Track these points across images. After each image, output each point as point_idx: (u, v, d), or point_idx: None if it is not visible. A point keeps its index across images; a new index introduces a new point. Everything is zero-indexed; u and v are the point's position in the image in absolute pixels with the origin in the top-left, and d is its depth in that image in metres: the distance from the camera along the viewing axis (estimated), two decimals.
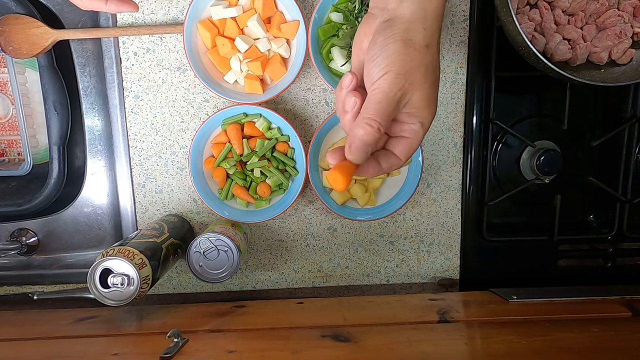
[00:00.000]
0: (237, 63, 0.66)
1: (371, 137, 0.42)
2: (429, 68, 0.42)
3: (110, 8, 0.55)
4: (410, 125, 0.44)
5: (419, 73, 0.42)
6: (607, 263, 0.77)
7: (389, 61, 0.41)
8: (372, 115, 0.41)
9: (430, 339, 0.56)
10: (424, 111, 0.43)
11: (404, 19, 0.42)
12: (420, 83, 0.42)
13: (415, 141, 0.45)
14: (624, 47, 0.63)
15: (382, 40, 0.42)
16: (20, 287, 0.76)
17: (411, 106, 0.43)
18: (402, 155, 0.45)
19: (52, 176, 0.72)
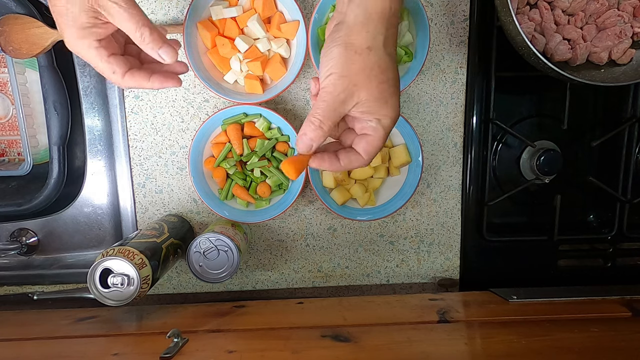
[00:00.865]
0: (237, 63, 0.66)
1: (313, 133, 0.45)
2: (374, 69, 0.44)
3: (153, 85, 0.50)
4: (368, 122, 0.46)
5: (362, 74, 0.43)
6: (607, 263, 0.77)
7: (333, 64, 0.44)
8: (316, 113, 0.45)
9: (430, 339, 0.56)
10: (378, 109, 0.45)
11: (349, 23, 0.44)
12: (365, 84, 0.44)
13: (375, 139, 0.46)
14: (624, 47, 0.63)
15: (328, 43, 0.45)
16: (20, 287, 0.76)
17: (363, 105, 0.45)
18: (363, 152, 0.47)
19: (52, 176, 0.72)
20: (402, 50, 0.66)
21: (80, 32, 0.44)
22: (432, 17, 0.70)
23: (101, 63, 0.46)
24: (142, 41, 0.46)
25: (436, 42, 0.71)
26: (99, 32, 0.45)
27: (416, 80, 0.71)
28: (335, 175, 0.68)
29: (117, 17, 0.43)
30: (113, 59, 0.47)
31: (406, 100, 0.72)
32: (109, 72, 0.47)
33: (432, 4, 0.70)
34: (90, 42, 0.44)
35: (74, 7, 0.42)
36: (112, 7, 0.43)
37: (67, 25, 0.43)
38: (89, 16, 0.43)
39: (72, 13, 0.42)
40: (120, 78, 0.48)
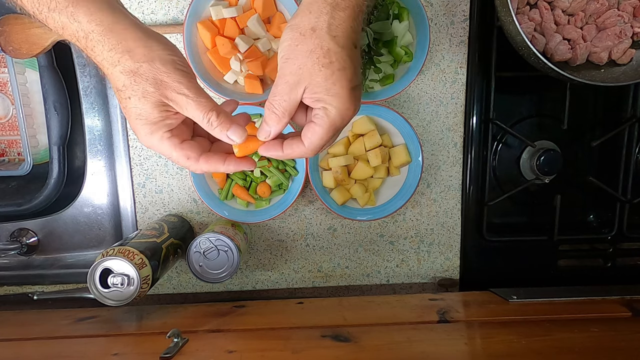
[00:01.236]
0: (237, 63, 0.66)
1: (268, 118, 0.45)
2: (316, 51, 0.42)
3: (228, 168, 0.48)
4: (316, 110, 0.45)
5: (306, 56, 0.42)
6: (607, 263, 0.77)
7: (282, 47, 0.44)
8: (272, 100, 0.45)
9: (430, 339, 0.56)
10: (324, 96, 0.43)
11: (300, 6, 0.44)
12: (311, 67, 0.42)
13: (319, 128, 0.44)
14: (624, 47, 0.63)
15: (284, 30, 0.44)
16: (20, 287, 0.76)
17: (312, 91, 0.43)
18: (307, 141, 0.45)
19: (52, 176, 0.72)
20: (402, 50, 0.66)
21: (153, 127, 0.43)
22: (432, 17, 0.70)
23: (175, 152, 0.45)
24: (210, 126, 0.45)
25: (436, 42, 0.71)
26: (170, 123, 0.44)
27: (416, 80, 0.71)
28: (336, 176, 0.68)
29: (186, 107, 0.43)
30: (186, 145, 0.46)
31: (406, 100, 0.72)
32: (184, 159, 0.46)
33: (432, 4, 0.70)
34: (162, 134, 0.44)
35: (145, 105, 0.42)
36: (180, 98, 0.43)
37: (140, 123, 0.43)
38: (160, 110, 0.43)
39: (144, 111, 0.42)
40: (195, 163, 0.46)
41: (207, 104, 0.44)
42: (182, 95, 0.43)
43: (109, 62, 0.41)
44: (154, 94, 0.42)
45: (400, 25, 0.65)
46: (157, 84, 0.42)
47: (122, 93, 0.42)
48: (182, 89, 0.43)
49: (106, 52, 0.40)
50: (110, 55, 0.41)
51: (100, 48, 0.40)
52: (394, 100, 0.72)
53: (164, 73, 0.42)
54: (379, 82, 0.68)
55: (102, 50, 0.40)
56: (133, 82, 0.41)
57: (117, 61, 0.41)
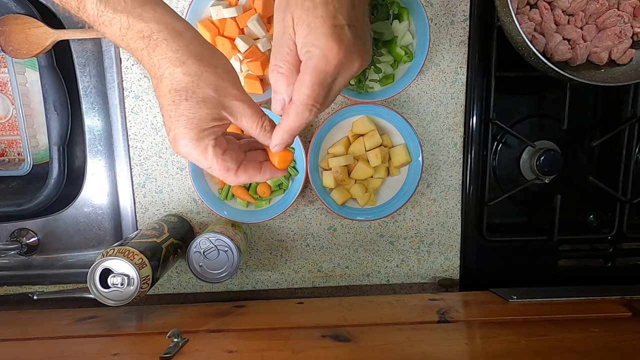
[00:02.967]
0: (237, 63, 0.66)
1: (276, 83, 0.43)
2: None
3: (264, 177, 0.48)
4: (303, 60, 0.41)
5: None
6: (607, 263, 0.77)
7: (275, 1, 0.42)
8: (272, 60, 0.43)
9: (430, 339, 0.56)
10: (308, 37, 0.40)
11: None
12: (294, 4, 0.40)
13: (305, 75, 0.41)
14: (624, 47, 0.63)
15: None
16: (20, 287, 0.76)
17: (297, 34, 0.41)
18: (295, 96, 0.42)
19: (52, 176, 0.72)
20: (402, 50, 0.66)
21: (202, 133, 0.42)
22: (432, 17, 0.70)
23: (216, 162, 0.44)
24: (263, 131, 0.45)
25: (436, 42, 0.71)
26: (217, 131, 0.44)
27: (416, 80, 0.71)
28: (336, 175, 0.68)
29: (242, 114, 0.44)
30: (227, 156, 0.45)
31: (406, 100, 0.72)
32: (224, 170, 0.45)
33: (432, 4, 0.70)
34: (208, 142, 0.43)
35: (202, 110, 0.41)
36: (238, 105, 0.43)
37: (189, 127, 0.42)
38: (213, 117, 0.42)
39: (198, 116, 0.42)
40: (234, 174, 0.45)
41: (260, 112, 0.45)
42: (240, 103, 0.43)
43: (171, 62, 0.40)
44: (214, 99, 0.42)
45: (400, 25, 0.65)
46: (218, 89, 0.42)
47: (179, 94, 0.41)
48: (241, 96, 0.43)
49: (171, 52, 0.40)
50: (177, 56, 0.40)
51: (164, 47, 0.40)
52: (394, 100, 0.72)
53: (227, 80, 0.42)
54: (379, 82, 0.68)
55: (167, 50, 0.40)
56: (196, 85, 0.41)
57: (182, 62, 0.41)
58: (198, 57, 0.41)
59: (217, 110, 0.42)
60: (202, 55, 0.42)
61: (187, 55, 0.41)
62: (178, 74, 0.41)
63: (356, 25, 0.41)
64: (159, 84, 0.42)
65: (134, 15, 0.40)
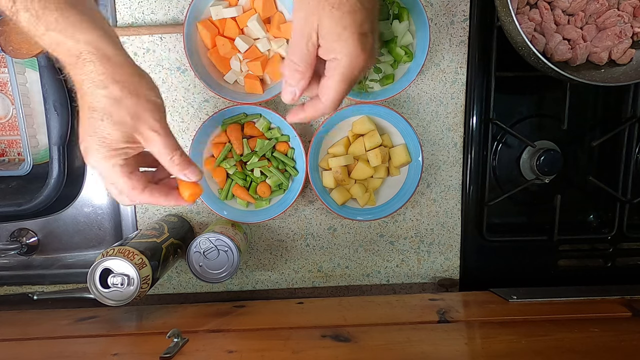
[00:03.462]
0: (237, 63, 0.66)
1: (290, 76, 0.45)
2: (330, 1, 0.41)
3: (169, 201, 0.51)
4: (328, 63, 0.44)
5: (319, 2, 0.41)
6: (607, 263, 0.77)
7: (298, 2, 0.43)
8: (288, 54, 0.44)
9: (430, 339, 0.56)
10: (334, 44, 0.42)
11: None
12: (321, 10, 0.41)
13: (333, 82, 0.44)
14: (624, 47, 0.63)
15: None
16: (20, 287, 0.76)
17: (323, 39, 0.43)
18: (324, 97, 0.45)
19: (52, 176, 0.72)
20: (402, 50, 0.66)
21: (112, 152, 0.45)
22: (432, 17, 0.70)
23: (121, 179, 0.46)
24: (172, 164, 0.48)
25: (436, 42, 0.71)
26: (128, 153, 0.46)
27: (416, 80, 0.71)
28: (336, 175, 0.68)
29: (154, 143, 0.46)
30: (134, 176, 0.47)
31: (406, 100, 0.72)
32: (128, 188, 0.47)
33: (432, 4, 0.70)
34: (116, 161, 0.46)
35: (115, 132, 0.44)
36: (152, 135, 0.46)
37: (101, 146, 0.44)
38: (125, 141, 0.45)
39: (111, 136, 0.44)
40: (139, 193, 0.48)
41: (174, 144, 0.48)
42: (154, 133, 0.46)
43: (94, 83, 0.43)
44: (129, 124, 0.44)
45: (400, 25, 0.65)
46: (135, 117, 0.44)
47: (96, 113, 0.43)
48: (155, 126, 0.46)
49: (95, 75, 0.42)
50: (101, 79, 0.43)
51: (90, 68, 0.42)
52: (394, 100, 0.72)
53: (147, 110, 0.45)
54: (379, 82, 0.68)
55: (92, 72, 0.42)
56: (114, 109, 0.43)
57: (104, 86, 0.43)
58: (121, 83, 0.43)
59: (131, 134, 0.45)
60: (126, 83, 0.44)
61: (110, 80, 0.43)
62: (99, 96, 0.43)
63: (375, 30, 0.44)
64: (81, 98, 0.44)
65: (65, 34, 0.42)
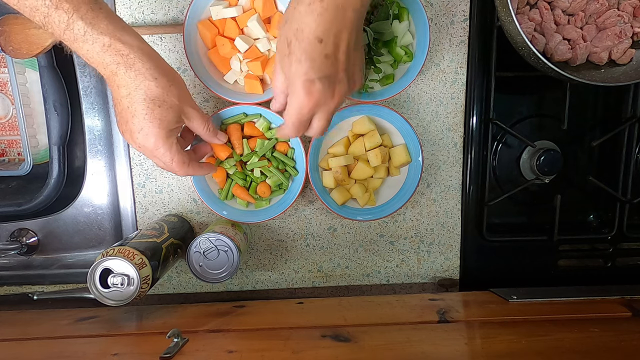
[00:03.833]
0: (237, 63, 0.66)
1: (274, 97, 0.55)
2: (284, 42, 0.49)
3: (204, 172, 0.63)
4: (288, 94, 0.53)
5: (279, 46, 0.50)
6: (607, 263, 0.77)
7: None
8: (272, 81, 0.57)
9: (430, 339, 0.56)
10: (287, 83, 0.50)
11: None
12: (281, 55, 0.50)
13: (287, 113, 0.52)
14: (624, 47, 0.63)
15: None
16: (20, 287, 0.76)
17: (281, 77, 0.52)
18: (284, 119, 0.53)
19: (52, 176, 0.72)
20: (402, 50, 0.66)
21: (170, 132, 0.54)
22: (432, 17, 0.70)
23: (177, 155, 0.56)
24: (208, 131, 0.60)
25: (436, 42, 0.71)
26: (178, 130, 0.57)
27: (416, 80, 0.71)
28: (336, 175, 0.68)
29: (194, 118, 0.57)
30: (185, 152, 0.58)
31: (406, 100, 0.72)
32: (181, 163, 0.56)
33: (432, 4, 0.70)
34: (173, 140, 0.55)
35: (170, 114, 0.53)
36: (192, 112, 0.57)
37: (160, 127, 0.53)
38: (177, 120, 0.55)
39: (168, 118, 0.53)
40: (187, 167, 0.58)
41: (206, 117, 0.59)
42: (193, 110, 0.57)
43: (145, 77, 0.51)
44: (178, 106, 0.54)
45: (400, 25, 0.65)
46: (180, 99, 0.54)
47: (153, 102, 0.52)
48: (194, 105, 0.57)
49: (145, 70, 0.51)
50: (150, 72, 0.51)
51: (139, 65, 0.50)
52: (394, 100, 0.72)
53: (183, 93, 0.55)
54: (379, 82, 0.68)
55: (142, 67, 0.50)
56: (166, 95, 0.52)
57: (154, 78, 0.51)
58: (166, 74, 0.52)
59: (179, 114, 0.55)
60: (168, 73, 0.53)
61: (158, 72, 0.52)
62: (152, 87, 0.51)
63: (330, 73, 0.49)
64: (130, 94, 0.51)
65: (114, 37, 0.49)
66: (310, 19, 0.45)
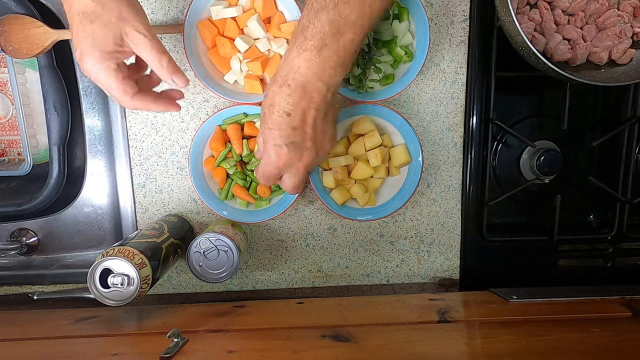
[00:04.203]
0: (237, 63, 0.66)
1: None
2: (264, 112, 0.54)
3: (159, 107, 0.57)
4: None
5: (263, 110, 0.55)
6: (607, 263, 0.77)
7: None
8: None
9: (430, 339, 0.56)
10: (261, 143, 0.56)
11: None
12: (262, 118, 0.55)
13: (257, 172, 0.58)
14: (624, 47, 0.63)
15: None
16: (20, 287, 0.76)
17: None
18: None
19: (52, 176, 0.72)
20: (402, 50, 0.66)
21: (104, 55, 0.49)
22: (432, 17, 0.70)
23: (115, 83, 0.51)
24: (161, 67, 0.52)
25: (436, 42, 0.71)
26: (119, 57, 0.51)
27: (416, 80, 0.71)
28: (336, 175, 0.68)
29: (142, 47, 0.51)
30: (127, 81, 0.52)
31: (406, 100, 0.72)
32: (121, 93, 0.52)
33: (432, 4, 0.70)
34: (109, 65, 0.50)
35: (105, 33, 0.48)
36: (138, 37, 0.50)
37: (92, 47, 0.48)
38: (115, 43, 0.49)
39: (102, 38, 0.48)
40: (130, 99, 0.53)
41: (162, 48, 0.52)
42: (140, 35, 0.50)
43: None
44: (116, 25, 0.48)
45: (400, 25, 0.65)
46: (120, 17, 0.48)
47: (86, 16, 0.47)
48: (140, 29, 0.50)
49: None
50: None
51: None
52: (394, 100, 0.72)
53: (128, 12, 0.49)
54: (379, 82, 0.68)
55: None
56: (100, 9, 0.47)
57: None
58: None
59: (119, 36, 0.49)
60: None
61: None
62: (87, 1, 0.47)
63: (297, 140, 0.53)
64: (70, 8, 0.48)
65: None
66: (280, 98, 0.51)
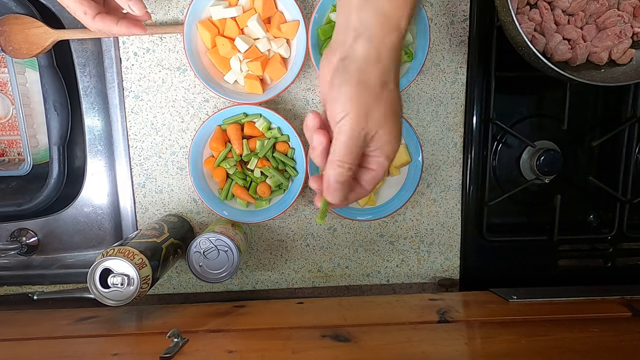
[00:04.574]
0: (237, 63, 0.66)
1: (344, 177, 0.44)
2: (388, 105, 0.43)
3: (121, 29, 0.55)
4: (376, 158, 0.46)
5: (378, 112, 0.43)
6: (607, 263, 0.77)
7: (348, 104, 0.42)
8: (341, 157, 0.44)
9: (430, 339, 0.56)
10: (387, 145, 0.45)
11: (357, 59, 0.42)
12: (380, 120, 0.43)
13: (381, 173, 0.47)
14: (624, 47, 0.63)
15: (338, 82, 0.42)
16: (20, 287, 0.76)
17: (377, 141, 0.44)
18: (368, 185, 0.47)
19: (52, 176, 0.72)
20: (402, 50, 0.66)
21: None
22: (432, 17, 0.70)
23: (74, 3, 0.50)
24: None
25: (436, 42, 0.71)
26: None
27: (416, 80, 0.71)
28: None
29: None
30: (85, 1, 0.51)
31: (406, 100, 0.72)
32: (81, 13, 0.51)
33: (432, 4, 0.70)
34: None
35: None
36: None
37: None
38: None
39: None
40: (91, 19, 0.52)
41: None
42: None
43: None
44: None
45: None
46: None
47: None
48: None
49: None
50: None
51: None
52: None
53: None
54: None
55: None
56: None
57: None
58: None
59: None
60: None
61: None
62: None
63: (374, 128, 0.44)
64: None
65: None
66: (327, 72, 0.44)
